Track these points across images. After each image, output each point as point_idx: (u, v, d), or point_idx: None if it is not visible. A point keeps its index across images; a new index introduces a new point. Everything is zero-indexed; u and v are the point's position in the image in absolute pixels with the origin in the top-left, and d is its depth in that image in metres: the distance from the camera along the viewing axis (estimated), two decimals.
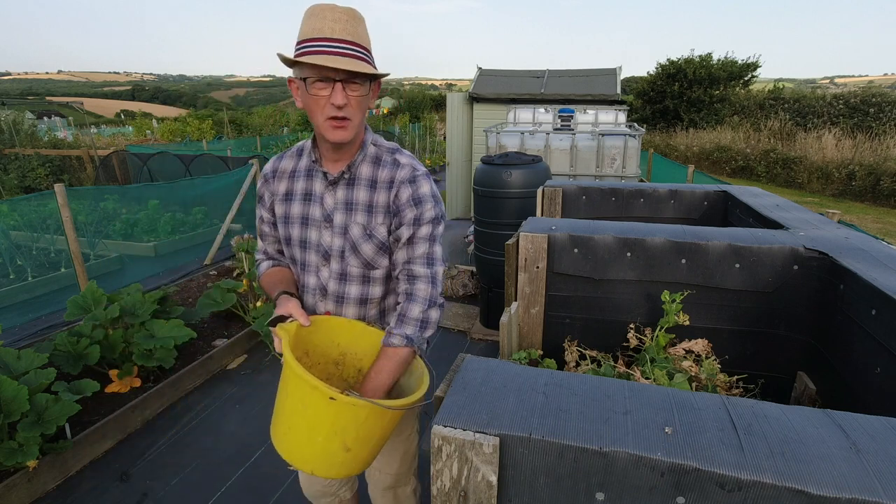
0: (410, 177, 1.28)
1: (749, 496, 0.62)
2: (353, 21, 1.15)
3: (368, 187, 1.29)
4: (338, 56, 1.12)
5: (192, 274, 5.32)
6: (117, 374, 3.05)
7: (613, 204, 2.32)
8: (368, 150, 1.31)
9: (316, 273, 1.35)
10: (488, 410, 0.75)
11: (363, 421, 1.07)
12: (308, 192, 1.33)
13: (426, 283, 1.28)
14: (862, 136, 13.59)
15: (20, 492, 2.28)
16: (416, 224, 1.28)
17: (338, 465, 1.11)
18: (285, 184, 1.37)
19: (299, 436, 1.10)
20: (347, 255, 1.31)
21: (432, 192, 1.30)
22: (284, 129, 20.70)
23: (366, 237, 1.29)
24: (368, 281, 1.34)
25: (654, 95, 21.10)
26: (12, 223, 5.51)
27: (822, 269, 1.34)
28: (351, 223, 1.29)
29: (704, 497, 0.64)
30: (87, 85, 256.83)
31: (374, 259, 1.31)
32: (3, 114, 12.74)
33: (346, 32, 1.14)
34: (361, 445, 1.11)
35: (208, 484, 2.46)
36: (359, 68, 1.13)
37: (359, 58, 1.15)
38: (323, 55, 1.11)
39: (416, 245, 1.28)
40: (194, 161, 7.99)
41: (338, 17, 1.13)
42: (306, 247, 1.35)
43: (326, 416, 1.05)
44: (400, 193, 1.27)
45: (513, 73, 8.85)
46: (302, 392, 1.05)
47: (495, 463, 0.71)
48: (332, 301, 1.35)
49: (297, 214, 1.34)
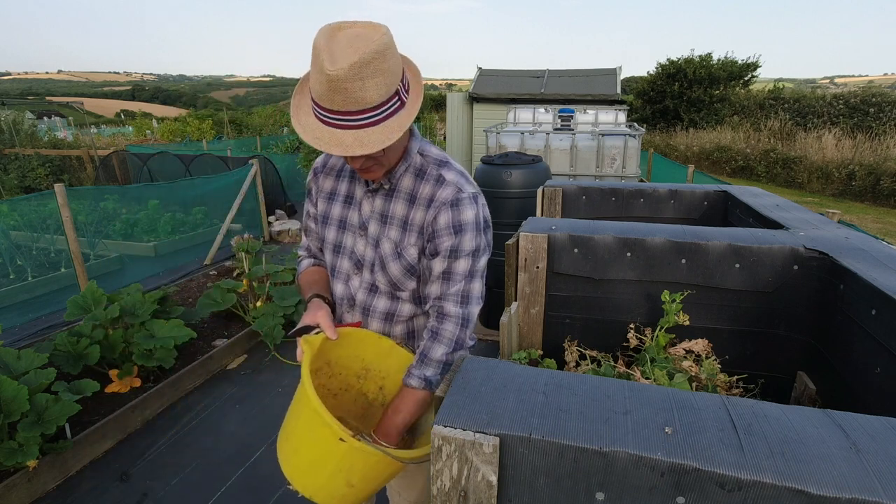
0: (453, 199, 1.12)
1: (749, 496, 0.62)
2: (358, 75, 0.93)
3: (407, 202, 1.17)
4: (341, 130, 0.99)
5: (192, 274, 5.32)
6: (117, 374, 3.05)
7: (613, 204, 2.32)
8: (413, 161, 1.18)
9: (346, 281, 1.27)
10: (488, 410, 0.75)
11: (372, 465, 1.03)
12: (350, 194, 1.25)
13: (455, 324, 1.14)
14: (862, 136, 13.59)
15: (20, 492, 2.28)
16: (454, 256, 1.13)
17: (339, 498, 1.08)
18: (331, 182, 1.29)
19: (304, 463, 1.07)
20: (377, 269, 1.22)
21: (477, 219, 1.14)
22: (284, 129, 20.69)
23: (395, 256, 1.18)
24: (398, 298, 1.24)
25: (654, 95, 21.10)
26: (12, 223, 5.51)
27: (822, 269, 1.34)
28: (383, 237, 1.19)
29: (704, 497, 0.64)
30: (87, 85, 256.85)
31: (400, 280, 1.20)
32: (3, 114, 12.75)
33: (349, 101, 0.95)
34: (366, 483, 1.07)
35: (208, 484, 2.46)
36: (362, 148, 0.98)
37: (368, 124, 0.99)
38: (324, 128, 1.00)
39: (451, 280, 1.14)
40: (194, 161, 7.99)
41: (340, 74, 0.92)
42: (340, 252, 1.27)
43: (334, 455, 1.00)
44: (438, 217, 1.13)
45: (513, 73, 8.86)
46: (314, 424, 1.00)
47: (495, 463, 0.71)
48: (359, 313, 1.27)
49: (336, 216, 1.27)
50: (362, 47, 0.93)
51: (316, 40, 0.97)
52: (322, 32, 0.98)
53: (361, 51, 0.93)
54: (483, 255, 1.18)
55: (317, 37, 0.97)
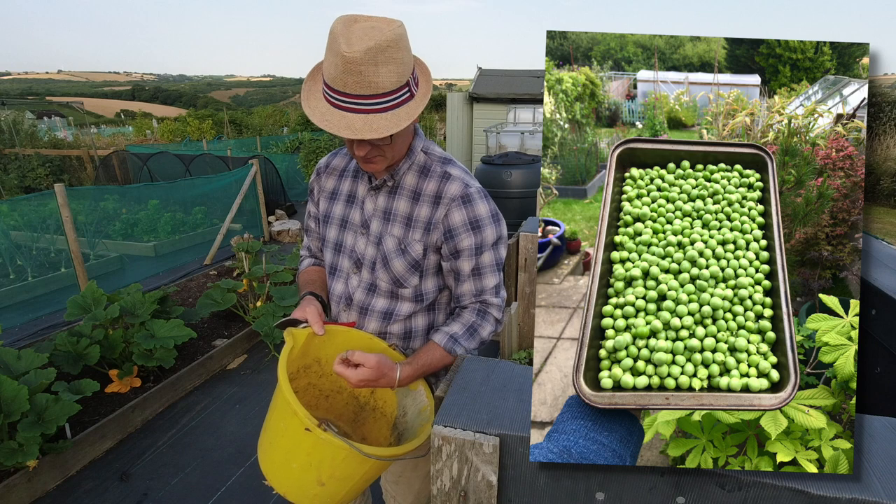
0: (463, 194, 1.13)
1: (749, 496, 0.62)
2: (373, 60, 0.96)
3: (411, 198, 1.18)
4: (351, 113, 1.00)
5: (192, 274, 5.32)
6: (117, 374, 3.05)
7: None
8: (417, 158, 1.19)
9: (345, 280, 1.28)
10: (488, 410, 0.75)
11: (341, 461, 1.00)
12: (352, 193, 1.26)
13: (499, 310, 1.23)
14: None
15: (20, 492, 2.28)
16: (479, 252, 1.15)
17: (311, 497, 1.06)
18: (333, 181, 1.30)
19: (277, 456, 1.07)
20: (378, 267, 1.21)
21: (491, 212, 1.16)
22: (284, 129, 20.69)
23: (399, 252, 1.18)
24: (397, 297, 1.24)
25: None
26: (12, 223, 5.51)
27: None
28: (386, 234, 1.19)
29: (704, 497, 0.64)
30: (87, 85, 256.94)
31: (403, 276, 1.20)
32: (3, 114, 12.77)
33: (361, 86, 0.98)
34: (338, 484, 1.05)
35: (208, 484, 2.46)
36: (374, 132, 0.99)
37: (379, 110, 1.01)
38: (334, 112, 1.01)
39: (483, 276, 1.18)
40: (194, 161, 8.00)
41: (355, 57, 0.95)
42: (340, 251, 1.28)
43: (303, 446, 1.00)
44: (452, 215, 1.13)
45: (513, 73, 8.86)
46: (285, 413, 1.00)
47: (495, 463, 0.71)
48: (356, 312, 1.27)
49: (337, 215, 1.28)
50: (378, 35, 0.97)
51: (333, 27, 1.00)
52: (339, 20, 1.01)
53: (377, 38, 0.96)
54: (503, 244, 1.21)
55: (334, 24, 1.01)
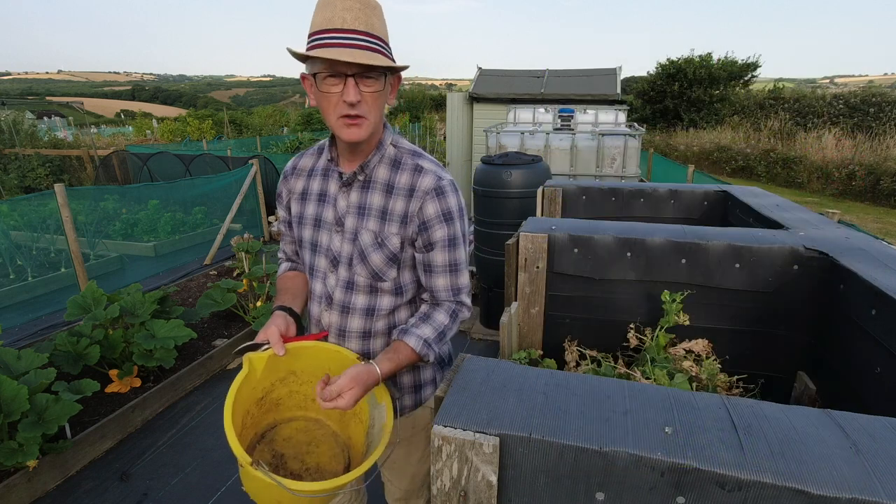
0: (436, 186, 1.16)
1: (749, 496, 0.62)
2: (366, 9, 1.06)
3: (384, 192, 1.18)
4: (349, 48, 1.03)
5: (192, 274, 5.32)
6: (117, 374, 3.05)
7: (613, 204, 2.32)
8: (387, 151, 1.21)
9: (322, 280, 1.28)
10: (488, 410, 0.75)
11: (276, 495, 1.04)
12: (323, 192, 1.26)
13: (469, 310, 1.28)
14: (862, 136, 13.60)
15: (20, 492, 2.28)
16: (452, 246, 1.19)
17: None
18: (302, 182, 1.30)
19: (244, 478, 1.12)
20: (355, 263, 1.21)
21: (460, 205, 1.20)
22: (284, 129, 20.69)
23: (376, 246, 1.19)
24: (376, 292, 1.24)
25: (654, 95, 21.10)
26: (12, 223, 5.51)
27: (822, 269, 1.34)
28: (362, 229, 1.20)
29: (704, 497, 0.64)
30: (87, 85, 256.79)
31: (382, 270, 1.21)
32: (3, 114, 12.76)
33: (359, 22, 1.05)
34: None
35: (208, 484, 2.46)
36: (372, 61, 1.03)
37: (373, 49, 1.06)
38: (333, 48, 1.03)
39: (459, 273, 1.23)
40: (194, 161, 8.00)
41: (349, 5, 1.04)
42: (316, 250, 1.28)
43: (247, 478, 1.07)
44: (426, 207, 1.16)
45: (513, 73, 8.86)
46: None
47: (495, 463, 0.71)
48: (338, 311, 1.27)
49: (310, 215, 1.28)
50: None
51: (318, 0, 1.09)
52: None
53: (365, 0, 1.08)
54: (468, 240, 1.25)
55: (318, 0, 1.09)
